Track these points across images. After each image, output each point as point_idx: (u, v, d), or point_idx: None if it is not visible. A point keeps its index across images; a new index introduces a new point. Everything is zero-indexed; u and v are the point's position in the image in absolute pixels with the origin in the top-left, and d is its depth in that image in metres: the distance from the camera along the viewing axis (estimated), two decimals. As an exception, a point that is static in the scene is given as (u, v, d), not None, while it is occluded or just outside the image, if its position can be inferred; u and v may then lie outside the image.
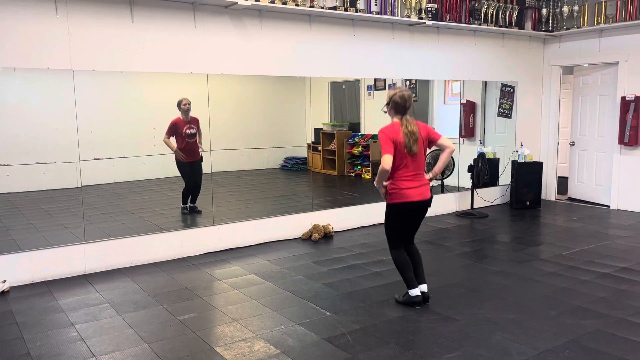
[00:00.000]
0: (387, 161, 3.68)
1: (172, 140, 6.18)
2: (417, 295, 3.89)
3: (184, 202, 6.38)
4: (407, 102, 3.79)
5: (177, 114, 6.17)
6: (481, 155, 7.14)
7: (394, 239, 3.96)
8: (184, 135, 6.11)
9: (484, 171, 7.10)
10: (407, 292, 3.93)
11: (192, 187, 6.33)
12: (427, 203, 3.87)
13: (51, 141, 6.64)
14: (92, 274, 4.74)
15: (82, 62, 4.64)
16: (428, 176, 3.88)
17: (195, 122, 6.15)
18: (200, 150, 6.24)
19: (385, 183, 3.81)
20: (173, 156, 6.24)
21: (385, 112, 3.93)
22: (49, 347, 3.30)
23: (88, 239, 4.81)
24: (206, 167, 6.31)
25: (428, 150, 3.95)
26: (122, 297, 4.14)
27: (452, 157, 7.57)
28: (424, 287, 3.98)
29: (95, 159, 6.88)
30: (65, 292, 4.28)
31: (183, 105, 6.10)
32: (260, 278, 4.57)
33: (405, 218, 3.89)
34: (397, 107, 3.81)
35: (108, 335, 3.45)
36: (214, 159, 6.37)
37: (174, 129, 6.15)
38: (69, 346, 3.31)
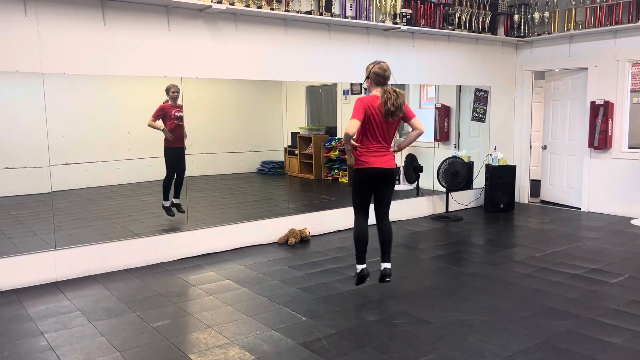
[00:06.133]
0: (351, 125, 3.85)
1: (159, 122, 6.06)
2: (363, 269, 4.11)
3: (166, 196, 6.10)
4: (387, 71, 3.96)
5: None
6: (450, 158, 7.21)
7: (357, 208, 4.12)
8: (174, 117, 5.96)
9: (454, 173, 7.16)
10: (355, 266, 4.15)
11: (172, 176, 6.13)
12: (390, 171, 4.02)
13: (21, 146, 6.48)
14: (63, 281, 4.64)
15: (52, 65, 4.55)
16: (393, 148, 4.07)
17: (181, 108, 6.05)
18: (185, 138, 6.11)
19: (353, 143, 3.97)
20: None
21: (367, 87, 4.07)
22: (17, 357, 3.21)
23: (59, 246, 4.71)
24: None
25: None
26: (94, 305, 4.06)
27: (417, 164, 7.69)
28: (386, 265, 4.14)
29: (67, 164, 6.75)
30: (34, 300, 4.18)
31: (172, 93, 5.97)
32: (235, 283, 4.53)
33: (368, 184, 4.03)
34: (378, 78, 3.96)
35: (79, 344, 3.37)
36: (190, 163, 6.29)
37: (161, 113, 6.01)
38: (38, 356, 3.23)
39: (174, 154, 6.05)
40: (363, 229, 4.12)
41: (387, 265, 4.15)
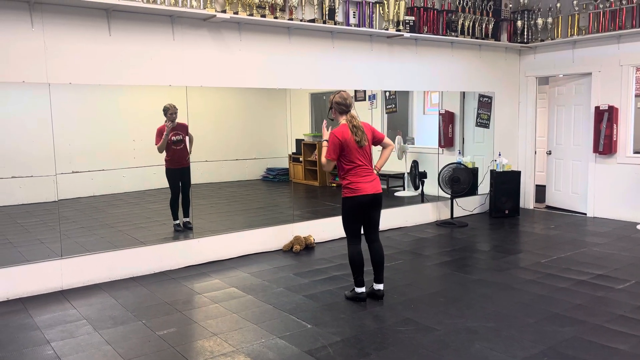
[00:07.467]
0: (328, 166, 4.06)
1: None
2: (362, 292, 4.19)
3: (175, 216, 6.11)
4: (347, 100, 4.11)
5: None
6: (449, 164, 7.20)
7: (350, 235, 4.19)
8: (170, 143, 6.00)
9: (454, 179, 7.15)
10: (354, 289, 4.20)
11: (177, 197, 6.13)
12: (380, 196, 4.14)
13: (27, 154, 6.52)
14: (69, 289, 4.66)
15: (58, 75, 4.60)
16: (374, 171, 4.19)
17: (182, 128, 6.00)
18: (188, 158, 6.07)
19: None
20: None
21: (332, 119, 4.20)
22: (24, 366, 3.23)
23: (65, 254, 4.74)
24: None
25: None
26: (100, 313, 4.08)
27: (416, 169, 7.68)
28: (379, 286, 4.23)
29: (73, 172, 6.78)
30: (41, 308, 4.20)
31: (170, 114, 5.94)
32: (240, 291, 4.54)
33: (359, 211, 4.10)
34: (340, 107, 4.11)
35: (85, 353, 3.39)
36: (195, 171, 6.33)
37: (160, 135, 6.03)
38: (45, 364, 3.25)
39: (175, 175, 6.06)
40: (359, 253, 4.17)
41: (380, 286, 4.25)
